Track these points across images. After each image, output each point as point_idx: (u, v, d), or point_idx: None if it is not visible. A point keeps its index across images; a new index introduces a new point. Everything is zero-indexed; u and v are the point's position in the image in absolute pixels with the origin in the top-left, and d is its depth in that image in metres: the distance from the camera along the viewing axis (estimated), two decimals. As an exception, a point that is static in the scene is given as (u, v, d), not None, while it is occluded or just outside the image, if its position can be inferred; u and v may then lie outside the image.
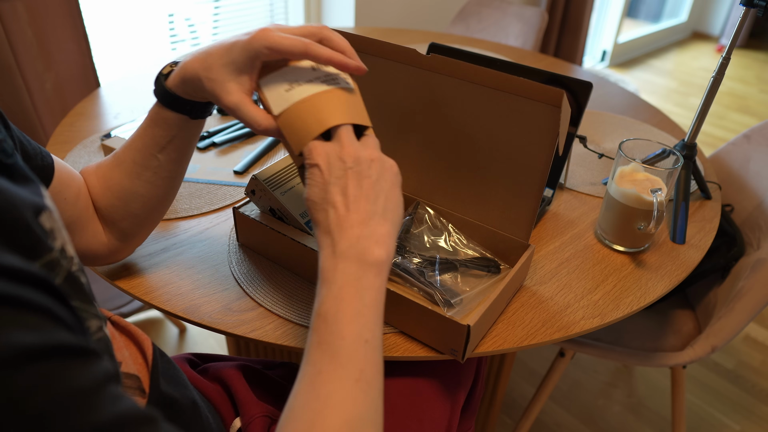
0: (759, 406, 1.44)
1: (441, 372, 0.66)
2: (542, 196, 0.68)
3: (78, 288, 0.33)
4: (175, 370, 0.59)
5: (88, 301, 0.34)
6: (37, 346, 0.25)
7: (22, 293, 0.26)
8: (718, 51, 4.52)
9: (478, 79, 0.64)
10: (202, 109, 0.57)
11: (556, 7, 2.93)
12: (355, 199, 0.46)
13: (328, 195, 0.46)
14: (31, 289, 0.27)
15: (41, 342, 0.25)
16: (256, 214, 0.70)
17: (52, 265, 0.32)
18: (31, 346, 0.25)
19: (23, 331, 0.25)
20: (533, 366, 1.51)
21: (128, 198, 0.60)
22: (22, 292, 0.26)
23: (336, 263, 0.44)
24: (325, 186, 0.46)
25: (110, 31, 1.69)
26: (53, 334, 0.26)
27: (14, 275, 0.26)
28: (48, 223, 0.33)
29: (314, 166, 0.47)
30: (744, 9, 0.78)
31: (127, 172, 0.59)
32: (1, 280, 0.25)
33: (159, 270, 0.68)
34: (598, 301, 0.69)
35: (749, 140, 1.10)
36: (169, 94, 0.55)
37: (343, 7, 2.20)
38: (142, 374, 0.53)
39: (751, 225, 1.01)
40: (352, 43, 0.68)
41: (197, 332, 1.55)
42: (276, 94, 0.50)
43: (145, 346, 0.56)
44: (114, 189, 0.60)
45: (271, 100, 0.50)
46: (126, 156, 0.59)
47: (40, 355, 0.25)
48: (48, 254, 0.32)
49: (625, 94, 1.34)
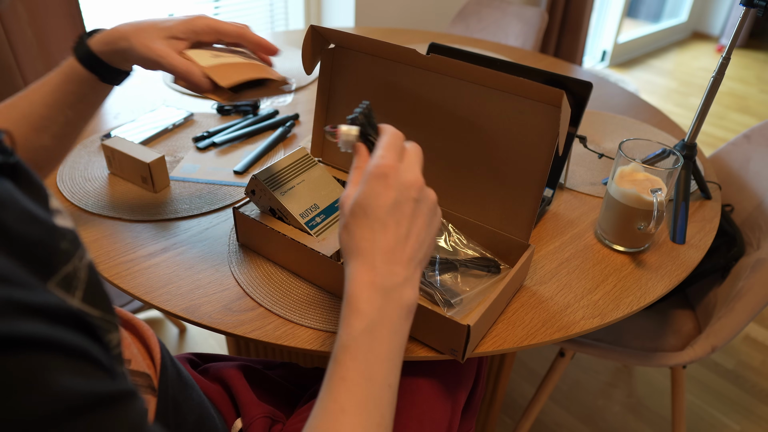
0: (759, 406, 1.44)
1: (441, 372, 0.66)
2: (542, 196, 0.68)
3: (97, 292, 0.32)
4: (181, 368, 0.59)
5: (108, 309, 0.33)
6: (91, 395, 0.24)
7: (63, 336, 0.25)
8: (718, 51, 4.52)
9: (478, 79, 0.64)
10: (113, 75, 0.63)
11: (556, 7, 2.93)
12: (411, 236, 0.44)
13: (388, 215, 0.43)
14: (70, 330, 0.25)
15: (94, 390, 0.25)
16: (256, 214, 0.70)
17: (70, 278, 0.30)
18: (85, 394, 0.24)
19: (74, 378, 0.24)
20: (533, 366, 1.51)
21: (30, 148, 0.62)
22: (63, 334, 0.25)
23: (375, 297, 0.42)
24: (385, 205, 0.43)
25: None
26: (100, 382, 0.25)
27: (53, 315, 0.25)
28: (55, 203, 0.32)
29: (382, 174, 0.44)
30: (744, 9, 0.78)
31: (32, 126, 0.61)
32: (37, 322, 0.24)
33: (159, 270, 0.68)
34: (598, 301, 0.69)
35: (749, 140, 1.10)
36: (88, 53, 0.61)
37: (343, 7, 2.20)
38: (151, 372, 0.53)
39: (751, 225, 1.01)
40: (352, 43, 0.69)
41: (197, 332, 1.55)
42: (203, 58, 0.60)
43: (152, 343, 0.56)
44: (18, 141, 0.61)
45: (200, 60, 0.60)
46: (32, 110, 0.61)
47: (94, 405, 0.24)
48: (65, 266, 0.30)
49: (625, 94, 1.34)
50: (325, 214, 0.70)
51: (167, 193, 0.83)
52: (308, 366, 0.80)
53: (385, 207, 0.43)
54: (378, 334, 0.41)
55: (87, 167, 0.88)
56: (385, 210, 0.43)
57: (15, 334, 0.23)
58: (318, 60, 0.74)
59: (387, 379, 0.41)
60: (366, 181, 0.44)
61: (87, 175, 0.86)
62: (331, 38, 0.72)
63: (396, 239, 0.43)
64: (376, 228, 0.43)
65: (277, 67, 0.66)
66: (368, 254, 0.43)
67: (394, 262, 0.43)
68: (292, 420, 0.65)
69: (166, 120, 1.02)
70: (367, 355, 0.40)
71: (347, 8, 2.19)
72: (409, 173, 0.45)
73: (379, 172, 0.43)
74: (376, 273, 0.42)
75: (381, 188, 0.43)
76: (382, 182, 0.43)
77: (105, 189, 0.83)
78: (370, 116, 0.50)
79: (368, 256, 0.43)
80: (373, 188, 0.43)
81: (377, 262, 0.43)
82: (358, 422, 0.38)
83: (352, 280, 0.43)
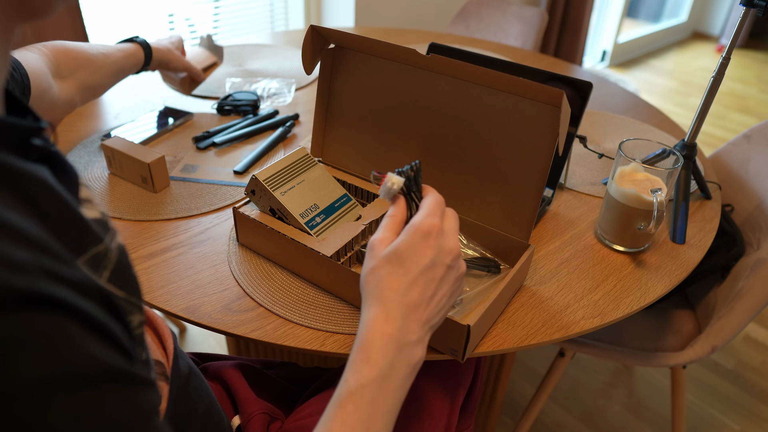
0: (759, 406, 1.44)
1: (440, 371, 0.66)
2: (542, 196, 0.68)
3: (125, 274, 0.33)
4: (188, 358, 0.59)
5: (134, 292, 0.33)
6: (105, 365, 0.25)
7: (88, 308, 0.25)
8: (718, 51, 4.53)
9: (478, 79, 0.64)
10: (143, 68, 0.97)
11: (556, 7, 2.93)
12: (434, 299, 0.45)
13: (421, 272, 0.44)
14: (95, 304, 0.26)
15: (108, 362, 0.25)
16: (256, 214, 0.70)
17: (99, 258, 0.31)
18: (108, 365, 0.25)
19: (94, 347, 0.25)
20: (533, 366, 1.51)
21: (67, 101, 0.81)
22: (89, 306, 0.25)
23: (389, 349, 0.42)
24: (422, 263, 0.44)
25: (110, 31, 1.69)
26: (116, 357, 0.26)
27: (80, 288, 0.26)
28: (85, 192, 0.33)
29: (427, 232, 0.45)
30: (744, 9, 0.78)
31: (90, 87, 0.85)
32: (69, 290, 0.25)
33: (159, 270, 0.68)
34: (598, 301, 0.69)
35: (749, 140, 1.10)
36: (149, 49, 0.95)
37: (343, 7, 2.20)
38: (164, 360, 0.53)
39: (751, 225, 1.01)
40: (352, 43, 0.69)
41: (197, 332, 1.55)
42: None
43: (165, 333, 0.56)
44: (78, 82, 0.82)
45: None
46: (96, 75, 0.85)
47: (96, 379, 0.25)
48: (95, 246, 0.31)
49: (625, 94, 1.34)
50: (325, 214, 0.70)
51: (167, 193, 0.83)
52: (307, 366, 0.80)
53: (422, 265, 0.44)
54: (385, 387, 0.41)
55: (87, 167, 0.88)
56: (420, 268, 0.44)
57: (43, 292, 0.23)
58: (318, 60, 0.74)
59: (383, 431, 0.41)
60: (410, 233, 0.45)
61: (87, 175, 0.86)
62: (331, 38, 0.72)
63: (420, 299, 0.44)
64: (407, 282, 0.44)
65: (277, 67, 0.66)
66: (392, 305, 0.43)
67: (414, 319, 0.43)
68: (291, 418, 0.65)
69: (166, 120, 1.02)
70: (371, 405, 0.40)
71: (347, 8, 2.19)
72: (450, 239, 0.46)
73: (426, 230, 0.45)
74: (395, 326, 0.43)
75: (422, 246, 0.44)
76: (425, 241, 0.44)
77: (105, 189, 0.83)
78: (418, 174, 0.52)
79: (391, 307, 0.43)
80: (415, 243, 0.44)
81: (398, 315, 0.43)
82: None
83: (370, 326, 0.43)
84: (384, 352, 0.42)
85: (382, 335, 0.42)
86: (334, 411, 0.40)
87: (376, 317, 0.43)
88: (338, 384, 0.42)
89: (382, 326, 0.43)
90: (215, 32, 2.03)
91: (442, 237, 0.46)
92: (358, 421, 0.40)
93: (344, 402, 0.40)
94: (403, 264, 0.44)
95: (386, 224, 0.48)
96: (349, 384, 0.41)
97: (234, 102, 1.08)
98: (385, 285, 0.44)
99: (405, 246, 0.44)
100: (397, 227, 0.49)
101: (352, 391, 0.40)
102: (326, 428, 0.40)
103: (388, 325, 0.43)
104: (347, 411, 0.40)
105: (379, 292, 0.44)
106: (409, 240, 0.45)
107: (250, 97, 1.09)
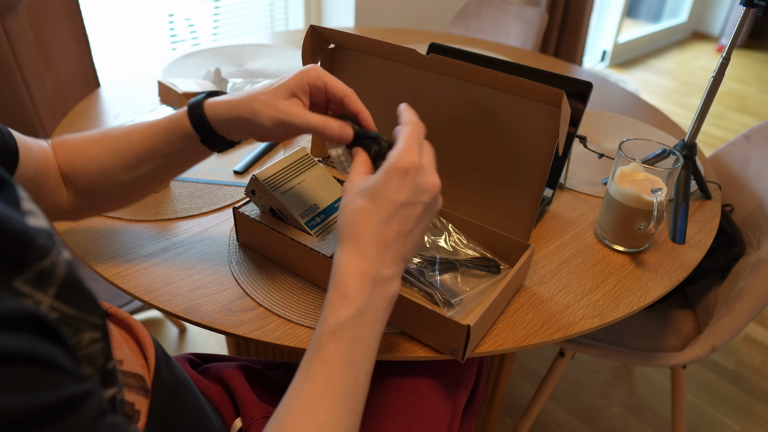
0: (759, 406, 1.44)
1: (442, 372, 0.66)
2: (542, 196, 0.68)
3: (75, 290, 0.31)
4: (177, 368, 0.59)
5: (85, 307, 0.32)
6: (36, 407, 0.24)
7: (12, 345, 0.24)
8: (718, 51, 4.52)
9: (478, 79, 0.64)
10: (216, 141, 0.59)
11: (556, 7, 2.93)
12: (410, 236, 0.45)
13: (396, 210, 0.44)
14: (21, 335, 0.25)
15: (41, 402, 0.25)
16: (256, 214, 0.70)
17: (45, 274, 0.29)
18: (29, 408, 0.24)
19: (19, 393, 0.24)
20: (533, 366, 1.51)
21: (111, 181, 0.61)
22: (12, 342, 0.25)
23: (365, 286, 0.42)
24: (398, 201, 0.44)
25: (110, 31, 1.69)
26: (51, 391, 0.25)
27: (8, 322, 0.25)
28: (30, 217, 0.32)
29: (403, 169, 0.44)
30: (744, 9, 0.78)
31: (123, 162, 0.60)
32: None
33: (159, 270, 0.68)
34: (598, 301, 0.69)
35: (749, 140, 1.10)
36: (201, 115, 0.56)
37: (343, 7, 2.20)
38: (144, 373, 0.52)
39: (751, 225, 1.01)
40: (352, 43, 0.69)
41: (197, 332, 1.55)
42: None
43: (146, 343, 0.55)
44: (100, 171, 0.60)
45: None
46: (127, 148, 0.60)
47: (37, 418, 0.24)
48: (40, 261, 0.29)
49: (625, 94, 1.34)
50: (325, 214, 0.70)
51: (167, 193, 0.83)
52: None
53: (397, 202, 0.43)
54: (363, 323, 0.42)
55: (87, 167, 0.88)
56: (395, 206, 0.43)
57: None
58: (318, 60, 0.74)
59: (364, 366, 0.42)
60: (386, 170, 0.44)
61: (87, 175, 0.86)
62: (331, 38, 0.72)
63: (396, 236, 0.44)
64: (381, 220, 0.43)
65: (277, 67, 0.65)
66: (365, 242, 0.43)
67: (388, 255, 0.43)
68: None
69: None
70: (351, 342, 0.41)
71: (347, 8, 2.19)
72: (428, 176, 0.45)
73: (402, 166, 0.43)
74: (369, 263, 0.43)
75: (399, 183, 0.43)
76: (401, 178, 0.43)
77: (105, 189, 0.83)
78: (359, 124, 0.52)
79: (364, 244, 0.43)
80: (391, 180, 0.43)
81: (372, 252, 0.43)
82: (334, 406, 0.39)
83: (344, 264, 0.43)
84: (359, 289, 0.42)
85: (356, 272, 0.42)
86: (314, 351, 0.41)
87: (349, 255, 0.43)
88: (318, 324, 0.43)
89: (356, 263, 0.43)
90: (215, 32, 2.02)
91: (421, 174, 0.44)
92: (340, 358, 0.41)
93: (324, 341, 0.41)
94: (376, 201, 0.43)
95: (353, 170, 0.48)
96: (329, 323, 0.42)
97: (234, 102, 1.08)
98: (358, 222, 0.44)
99: (380, 183, 0.44)
100: (363, 167, 0.48)
101: (332, 330, 0.41)
102: (307, 370, 0.40)
103: (362, 262, 0.43)
104: (329, 349, 0.41)
105: (353, 230, 0.44)
106: (385, 177, 0.44)
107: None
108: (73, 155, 0.61)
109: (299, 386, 0.41)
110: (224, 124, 0.56)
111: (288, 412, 0.39)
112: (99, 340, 0.33)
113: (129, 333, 0.56)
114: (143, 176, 0.61)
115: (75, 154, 0.61)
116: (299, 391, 0.40)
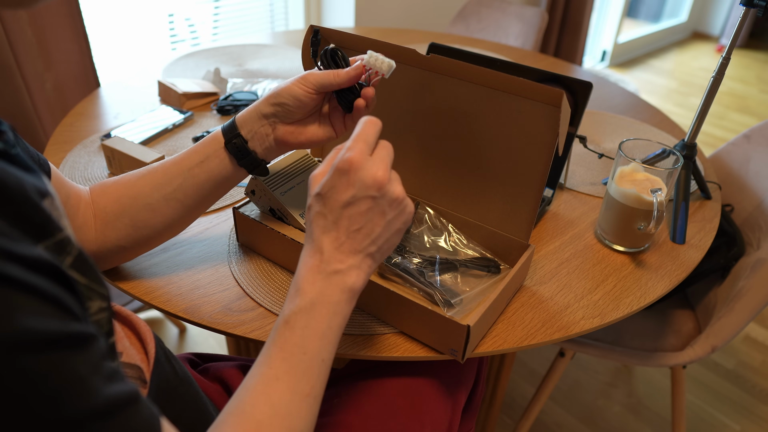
0: (759, 406, 1.44)
1: (441, 372, 0.66)
2: (542, 196, 0.68)
3: (87, 264, 0.34)
4: (179, 365, 0.59)
5: (96, 279, 0.35)
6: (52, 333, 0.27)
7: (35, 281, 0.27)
8: (718, 51, 4.52)
9: (478, 79, 0.64)
10: (241, 146, 0.60)
11: (556, 7, 2.93)
12: (362, 231, 0.46)
13: (342, 209, 0.45)
14: (43, 277, 0.28)
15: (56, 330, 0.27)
16: (256, 214, 0.70)
17: (63, 244, 0.32)
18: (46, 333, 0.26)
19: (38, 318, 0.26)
20: (533, 366, 1.51)
21: (140, 204, 0.60)
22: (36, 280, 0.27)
23: (317, 280, 0.45)
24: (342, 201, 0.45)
25: (110, 31, 1.69)
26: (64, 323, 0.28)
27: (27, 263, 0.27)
28: (51, 210, 0.34)
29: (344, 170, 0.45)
30: (744, 9, 0.78)
31: (152, 181, 0.60)
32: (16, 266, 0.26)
33: (159, 270, 0.68)
34: (598, 301, 0.69)
35: (749, 140, 1.10)
36: (232, 121, 0.61)
37: (343, 7, 2.20)
38: (144, 365, 0.53)
39: (751, 225, 1.01)
40: (353, 43, 0.68)
41: (197, 332, 1.55)
42: None
43: (146, 337, 0.56)
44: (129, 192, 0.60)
45: None
46: (159, 167, 0.61)
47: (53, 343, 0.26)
48: (59, 233, 0.32)
49: (625, 94, 1.34)
50: (325, 214, 0.70)
51: (167, 193, 0.83)
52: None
53: (342, 202, 0.45)
54: (316, 313, 0.45)
55: (87, 167, 0.88)
56: (340, 205, 0.45)
57: None
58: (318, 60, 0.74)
59: (320, 353, 0.44)
60: (331, 173, 0.46)
61: (87, 175, 0.86)
62: (331, 38, 0.72)
63: (347, 233, 0.46)
64: (330, 220, 0.46)
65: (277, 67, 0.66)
66: (318, 242, 0.46)
67: (342, 251, 0.46)
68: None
69: (166, 120, 1.02)
70: (304, 330, 0.44)
71: (347, 8, 2.19)
72: (371, 170, 0.45)
73: (343, 167, 0.45)
74: (321, 259, 0.46)
75: (341, 184, 0.45)
76: (344, 178, 0.45)
77: (105, 189, 0.83)
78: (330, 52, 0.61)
79: (318, 243, 0.46)
80: (335, 182, 0.45)
81: (325, 249, 0.46)
82: (288, 389, 0.42)
83: (301, 262, 0.47)
84: (312, 282, 0.45)
85: (309, 269, 0.46)
86: (272, 338, 0.45)
87: (306, 254, 0.47)
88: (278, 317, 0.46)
89: (310, 261, 0.46)
90: (215, 32, 2.02)
91: (362, 170, 0.45)
92: (294, 345, 0.44)
93: (280, 329, 0.45)
94: (325, 204, 0.46)
95: (327, 157, 0.49)
96: (284, 313, 0.45)
97: (234, 102, 1.08)
98: (314, 224, 0.47)
99: (326, 186, 0.46)
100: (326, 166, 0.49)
101: (286, 319, 0.45)
102: (266, 354, 0.44)
103: (314, 258, 0.46)
104: (284, 337, 0.44)
105: (310, 231, 0.47)
106: (330, 180, 0.46)
107: (250, 97, 1.09)
108: (106, 184, 0.62)
109: (258, 369, 0.44)
110: (248, 123, 0.60)
111: (246, 390, 0.42)
112: (105, 310, 0.35)
113: (131, 329, 0.57)
114: (170, 197, 0.60)
115: (108, 184, 0.62)
116: (257, 372, 0.43)
